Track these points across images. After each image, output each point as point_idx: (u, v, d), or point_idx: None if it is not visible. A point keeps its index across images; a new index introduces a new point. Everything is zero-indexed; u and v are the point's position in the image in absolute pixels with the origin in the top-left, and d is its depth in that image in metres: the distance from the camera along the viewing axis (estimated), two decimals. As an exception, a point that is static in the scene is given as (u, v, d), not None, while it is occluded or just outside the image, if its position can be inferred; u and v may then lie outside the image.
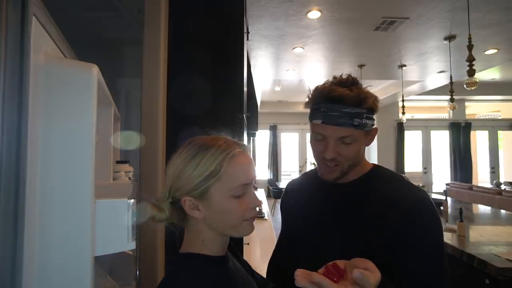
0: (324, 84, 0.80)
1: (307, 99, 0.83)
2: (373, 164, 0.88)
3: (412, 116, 9.17)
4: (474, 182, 8.34)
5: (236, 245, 0.81)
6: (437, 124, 8.96)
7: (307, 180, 0.98)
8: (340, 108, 0.74)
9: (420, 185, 3.73)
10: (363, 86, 0.81)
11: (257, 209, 0.65)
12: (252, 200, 0.63)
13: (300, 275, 0.56)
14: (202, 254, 0.63)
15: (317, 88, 0.80)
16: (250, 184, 0.63)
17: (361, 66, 5.10)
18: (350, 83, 0.77)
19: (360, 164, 0.84)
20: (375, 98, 0.78)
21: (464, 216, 2.28)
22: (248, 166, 0.63)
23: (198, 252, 0.63)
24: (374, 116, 0.80)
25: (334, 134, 0.76)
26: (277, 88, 7.38)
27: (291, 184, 1.04)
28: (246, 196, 0.63)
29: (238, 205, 0.61)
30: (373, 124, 0.79)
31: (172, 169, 0.62)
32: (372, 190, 0.81)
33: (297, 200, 0.95)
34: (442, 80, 5.86)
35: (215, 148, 0.61)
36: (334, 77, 0.81)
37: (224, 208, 0.60)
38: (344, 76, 0.80)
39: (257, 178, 0.74)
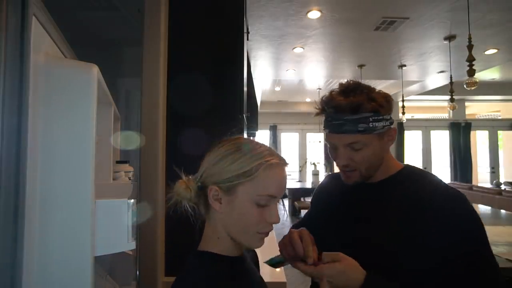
0: (328, 93, 0.81)
1: (316, 108, 0.83)
2: (404, 164, 0.86)
3: (412, 116, 9.16)
4: (474, 182, 8.34)
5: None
6: (437, 124, 8.97)
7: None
8: (342, 116, 0.74)
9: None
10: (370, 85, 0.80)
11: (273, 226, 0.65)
12: (273, 215, 0.62)
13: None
14: (216, 254, 0.63)
15: (321, 98, 0.82)
16: (276, 198, 0.62)
17: (361, 66, 5.11)
18: (349, 90, 0.77)
19: (387, 165, 0.83)
20: (380, 99, 0.76)
21: (464, 216, 2.28)
22: (281, 180, 0.63)
23: (212, 250, 0.64)
24: (387, 116, 0.77)
25: (341, 142, 0.77)
26: (277, 88, 7.38)
27: (329, 177, 1.04)
28: (268, 209, 0.61)
29: (257, 214, 0.60)
30: (385, 126, 0.76)
31: (212, 156, 0.64)
32: (397, 190, 0.79)
33: (328, 195, 0.97)
34: (442, 80, 5.86)
35: (257, 152, 0.62)
36: (340, 84, 0.81)
37: (243, 211, 0.60)
38: (345, 82, 0.80)
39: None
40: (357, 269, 0.68)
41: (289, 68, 5.28)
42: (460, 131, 8.57)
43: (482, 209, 3.61)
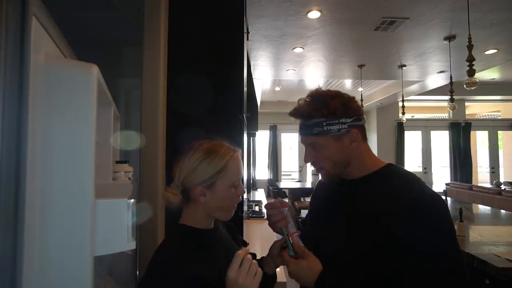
0: (298, 101, 0.90)
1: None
2: (388, 163, 0.87)
3: (412, 116, 9.16)
4: (474, 182, 8.34)
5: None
6: (437, 124, 8.96)
7: None
8: (302, 121, 0.87)
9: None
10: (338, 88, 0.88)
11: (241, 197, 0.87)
12: (242, 189, 0.84)
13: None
14: (192, 226, 0.82)
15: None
16: (241, 178, 0.85)
17: (361, 66, 5.10)
18: (311, 98, 0.87)
19: (365, 163, 0.86)
20: (334, 105, 0.82)
21: (464, 216, 2.28)
22: (241, 165, 0.85)
23: (190, 224, 0.82)
24: (344, 120, 0.82)
25: (305, 143, 0.88)
26: (277, 88, 7.37)
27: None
28: (239, 187, 0.83)
29: (233, 194, 0.82)
30: (341, 129, 0.82)
31: (188, 164, 0.80)
32: (372, 188, 0.81)
33: (318, 194, 1.03)
34: (442, 80, 5.86)
35: (222, 151, 0.82)
36: (309, 92, 0.90)
37: (225, 195, 0.80)
38: (312, 90, 0.89)
39: (257, 178, 0.84)
40: (315, 266, 0.78)
41: (289, 68, 5.28)
42: (460, 131, 8.57)
43: (482, 209, 3.60)
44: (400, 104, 5.65)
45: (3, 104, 0.44)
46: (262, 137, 9.54)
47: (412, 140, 9.09)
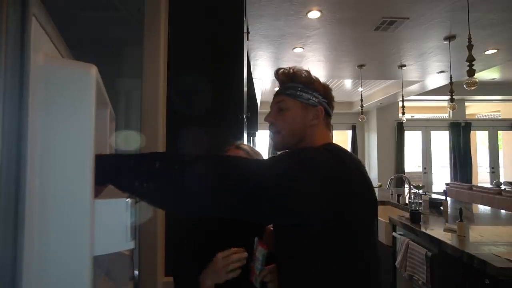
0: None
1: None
2: (327, 143, 0.89)
3: (412, 116, 9.15)
4: (474, 182, 8.33)
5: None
6: (437, 124, 8.96)
7: None
8: (282, 84, 0.96)
9: (420, 185, 3.72)
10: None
11: None
12: None
13: None
14: None
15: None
16: None
17: (361, 66, 5.10)
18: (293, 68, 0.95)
19: (309, 143, 0.89)
20: (317, 82, 0.93)
21: (464, 216, 2.28)
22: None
23: None
24: (317, 94, 0.91)
25: (273, 102, 0.95)
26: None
27: None
28: None
29: None
30: (310, 99, 0.90)
31: None
32: None
33: None
34: (442, 80, 5.86)
35: None
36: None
37: None
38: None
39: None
40: None
41: (289, 68, 5.28)
42: (460, 131, 8.56)
43: (482, 209, 3.60)
44: (400, 104, 5.65)
45: (3, 104, 0.44)
46: (262, 137, 9.53)
47: (412, 140, 9.08)
